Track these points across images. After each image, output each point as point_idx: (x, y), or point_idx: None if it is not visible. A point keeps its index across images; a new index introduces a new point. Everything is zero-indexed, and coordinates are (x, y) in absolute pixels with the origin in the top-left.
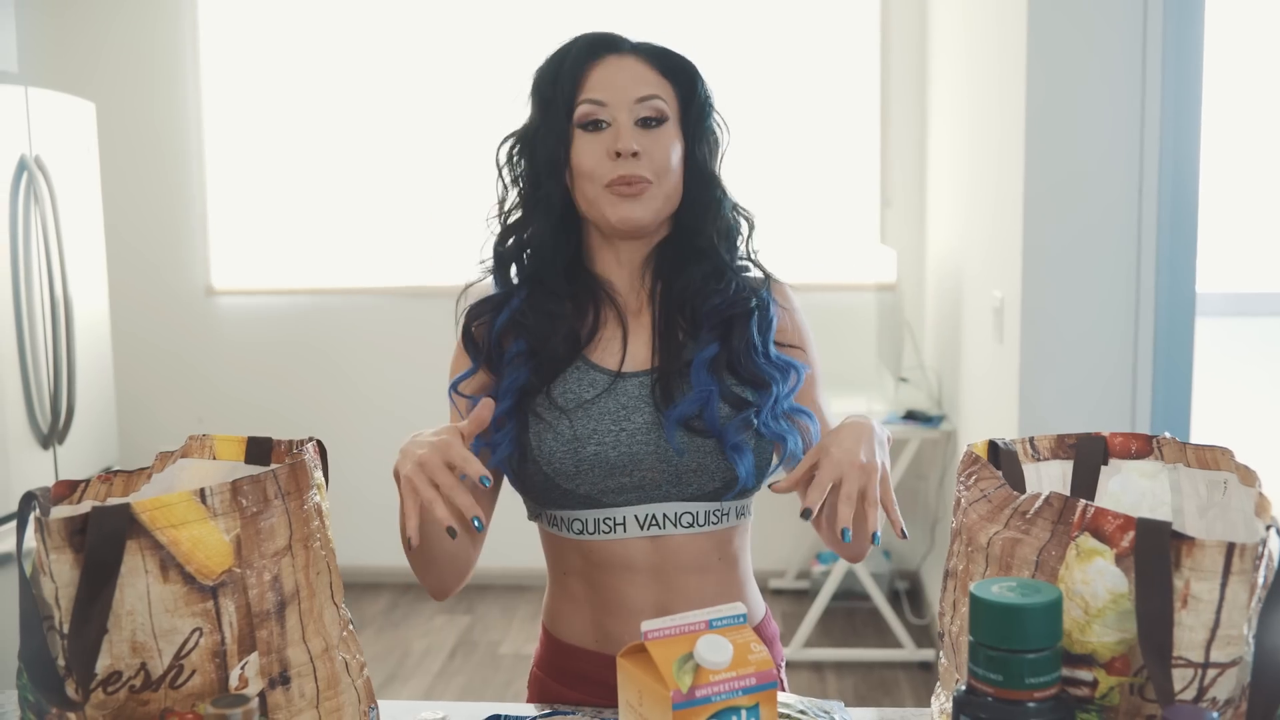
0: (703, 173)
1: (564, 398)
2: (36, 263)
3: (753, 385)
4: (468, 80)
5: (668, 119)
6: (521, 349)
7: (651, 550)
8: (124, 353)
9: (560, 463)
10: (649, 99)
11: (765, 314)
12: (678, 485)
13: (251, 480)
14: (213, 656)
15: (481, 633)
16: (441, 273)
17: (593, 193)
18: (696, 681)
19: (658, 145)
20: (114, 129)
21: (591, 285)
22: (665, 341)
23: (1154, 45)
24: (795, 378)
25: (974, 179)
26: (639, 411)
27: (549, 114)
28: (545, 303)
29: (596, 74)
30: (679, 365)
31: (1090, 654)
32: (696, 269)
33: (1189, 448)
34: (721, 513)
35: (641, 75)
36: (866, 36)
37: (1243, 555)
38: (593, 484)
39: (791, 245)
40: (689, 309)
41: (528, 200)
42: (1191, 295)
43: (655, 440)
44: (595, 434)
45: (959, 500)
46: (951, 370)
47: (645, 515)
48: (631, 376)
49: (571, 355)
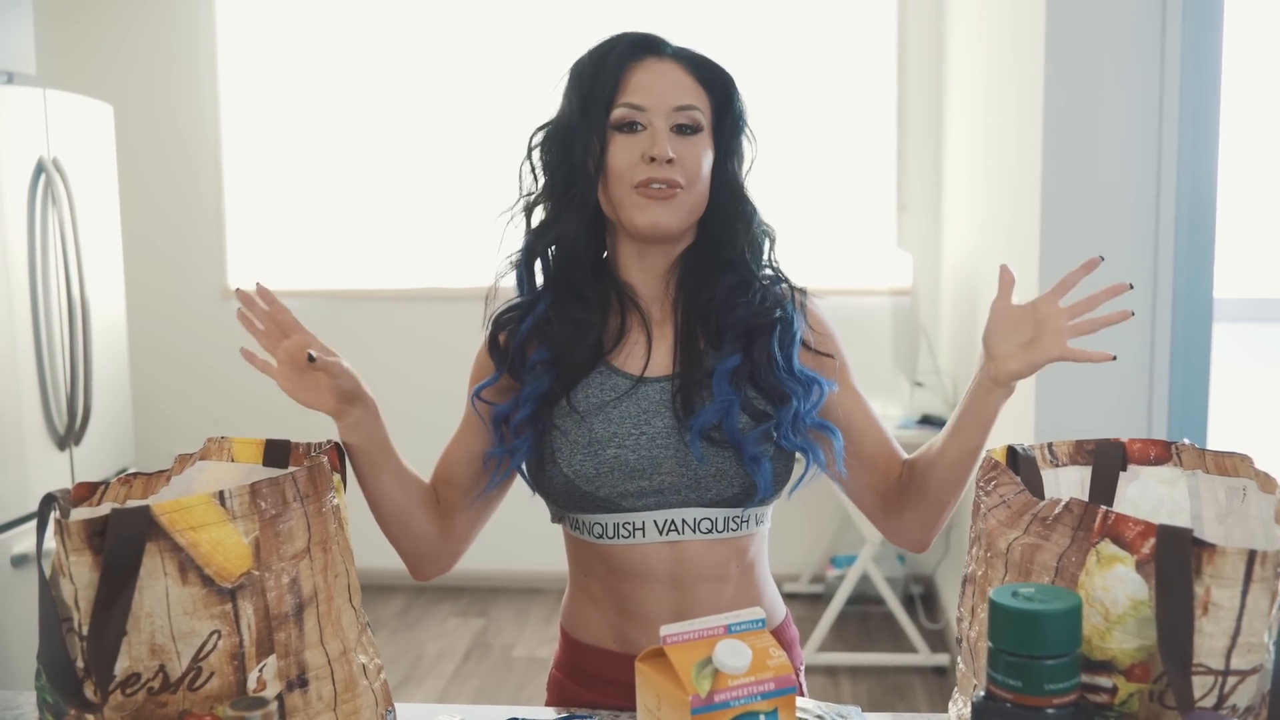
0: (732, 184)
1: (585, 402)
2: (54, 264)
3: (774, 399)
4: (484, 83)
5: (703, 129)
6: (544, 357)
7: (670, 557)
8: (140, 354)
9: (580, 465)
10: (687, 108)
11: (789, 328)
12: (697, 490)
13: (270, 483)
14: (231, 659)
15: (495, 635)
16: (458, 276)
17: (621, 194)
18: (715, 686)
19: (691, 152)
20: (132, 131)
21: (617, 290)
22: (687, 350)
23: (1172, 49)
24: (818, 393)
25: (990, 183)
26: (660, 416)
27: (588, 110)
28: (571, 309)
29: (637, 76)
30: (700, 375)
31: (1110, 660)
32: (723, 280)
33: (1208, 454)
34: (740, 519)
35: (681, 82)
36: (883, 41)
37: (1264, 563)
38: (612, 487)
39: (808, 250)
40: (713, 319)
41: (559, 196)
42: (1209, 300)
43: (675, 445)
44: (615, 437)
45: (978, 505)
46: (967, 375)
47: (664, 520)
48: (653, 382)
49: (594, 361)
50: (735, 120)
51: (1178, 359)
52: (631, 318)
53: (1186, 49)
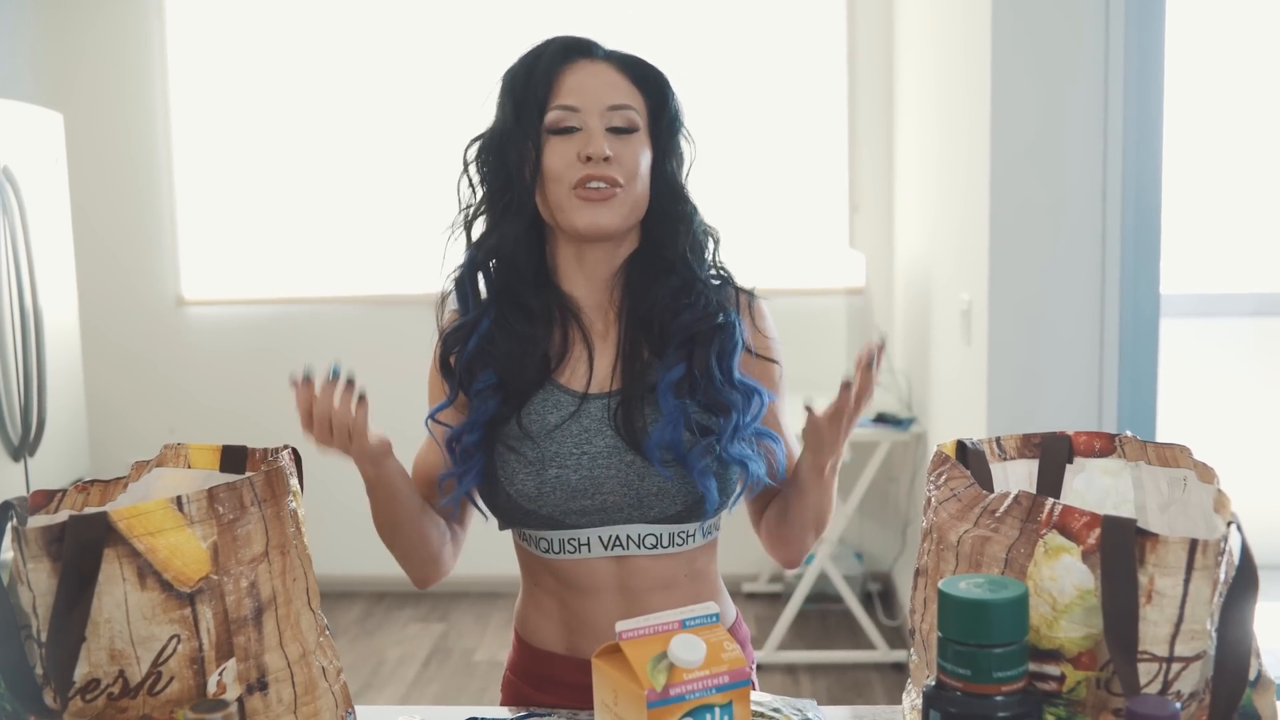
0: (671, 185)
1: (531, 423)
2: (5, 273)
3: (714, 410)
4: (436, 88)
5: (638, 128)
6: (490, 381)
7: (616, 571)
8: (95, 364)
9: (523, 485)
10: (621, 108)
11: (730, 336)
12: (640, 508)
13: (228, 487)
14: (190, 663)
15: (456, 640)
16: (412, 281)
17: (559, 197)
18: (670, 680)
19: (628, 151)
20: (83, 139)
21: (559, 302)
22: (628, 364)
23: (1116, 48)
24: (758, 403)
25: (941, 182)
26: (601, 435)
27: (522, 116)
28: (515, 322)
29: (569, 78)
30: (641, 390)
31: (1058, 649)
32: (666, 283)
33: (1149, 446)
34: (686, 535)
35: (614, 83)
36: (833, 41)
37: (1205, 551)
38: (555, 506)
39: (761, 250)
40: (656, 325)
41: (495, 204)
42: (1156, 297)
43: (617, 464)
44: (557, 457)
45: (929, 499)
46: (921, 373)
47: (609, 537)
48: (596, 399)
49: (540, 380)
50: (671, 120)
51: (1126, 354)
52: (573, 331)
53: (1130, 48)
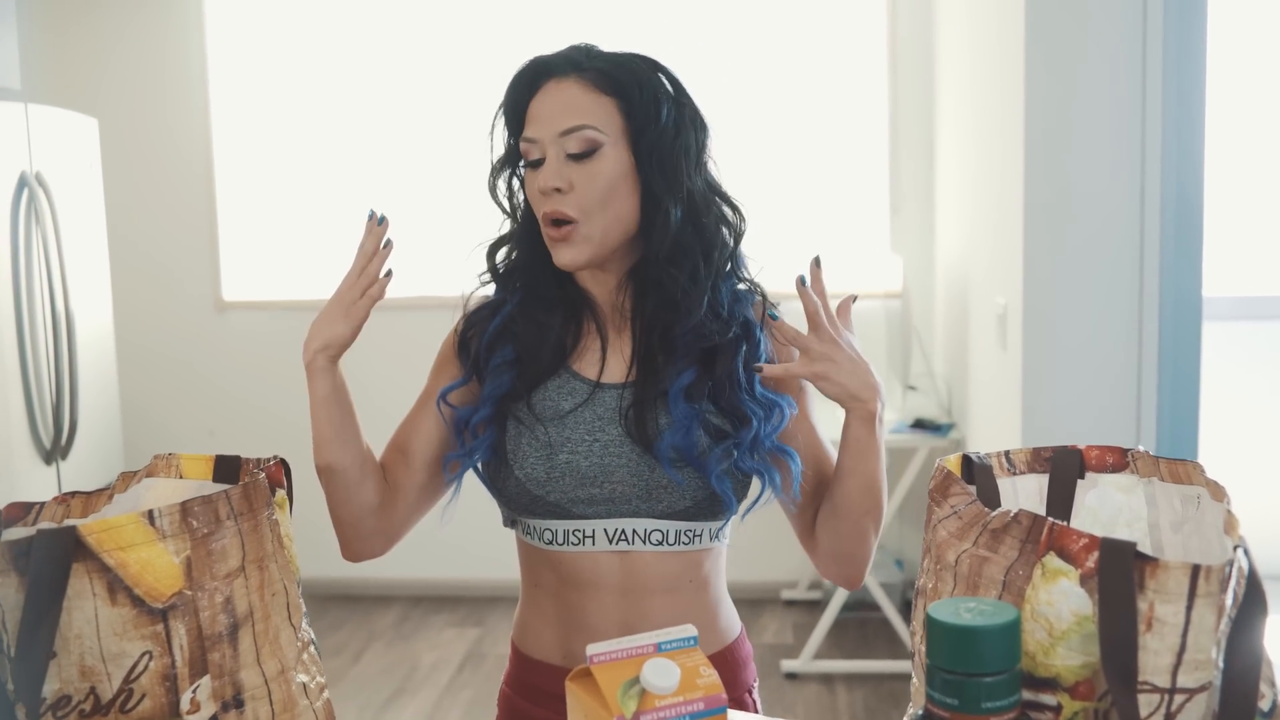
0: (651, 192)
1: (543, 406)
2: (38, 278)
3: (734, 419)
4: (475, 93)
5: (600, 146)
6: (508, 356)
7: (620, 567)
8: (132, 367)
9: (533, 468)
10: (574, 130)
11: (756, 348)
12: (648, 501)
13: (202, 501)
14: (163, 680)
15: (491, 645)
16: (451, 284)
17: (542, 227)
18: (641, 707)
19: (585, 178)
20: (120, 144)
21: (578, 295)
22: (643, 363)
23: (1154, 48)
24: (779, 416)
25: (978, 184)
26: (613, 424)
27: (507, 150)
28: (537, 311)
29: (534, 106)
30: (654, 392)
31: (1054, 678)
32: (654, 296)
33: (1161, 461)
34: (693, 533)
35: (571, 102)
36: (874, 43)
37: (1208, 577)
38: (563, 492)
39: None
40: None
41: (514, 227)
42: (1198, 299)
43: (628, 453)
44: (569, 442)
45: (930, 516)
46: (960, 378)
47: (615, 530)
48: (609, 388)
49: (557, 365)
50: (644, 117)
51: (1166, 358)
52: (588, 322)
53: (1169, 47)
